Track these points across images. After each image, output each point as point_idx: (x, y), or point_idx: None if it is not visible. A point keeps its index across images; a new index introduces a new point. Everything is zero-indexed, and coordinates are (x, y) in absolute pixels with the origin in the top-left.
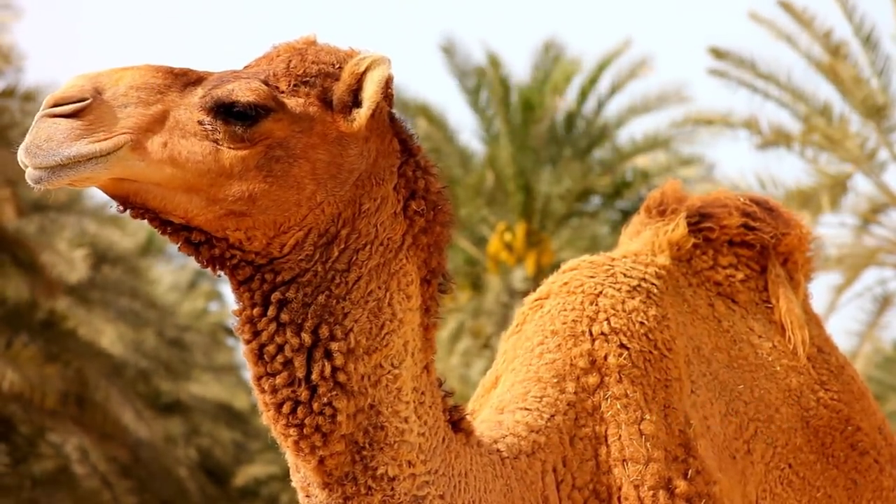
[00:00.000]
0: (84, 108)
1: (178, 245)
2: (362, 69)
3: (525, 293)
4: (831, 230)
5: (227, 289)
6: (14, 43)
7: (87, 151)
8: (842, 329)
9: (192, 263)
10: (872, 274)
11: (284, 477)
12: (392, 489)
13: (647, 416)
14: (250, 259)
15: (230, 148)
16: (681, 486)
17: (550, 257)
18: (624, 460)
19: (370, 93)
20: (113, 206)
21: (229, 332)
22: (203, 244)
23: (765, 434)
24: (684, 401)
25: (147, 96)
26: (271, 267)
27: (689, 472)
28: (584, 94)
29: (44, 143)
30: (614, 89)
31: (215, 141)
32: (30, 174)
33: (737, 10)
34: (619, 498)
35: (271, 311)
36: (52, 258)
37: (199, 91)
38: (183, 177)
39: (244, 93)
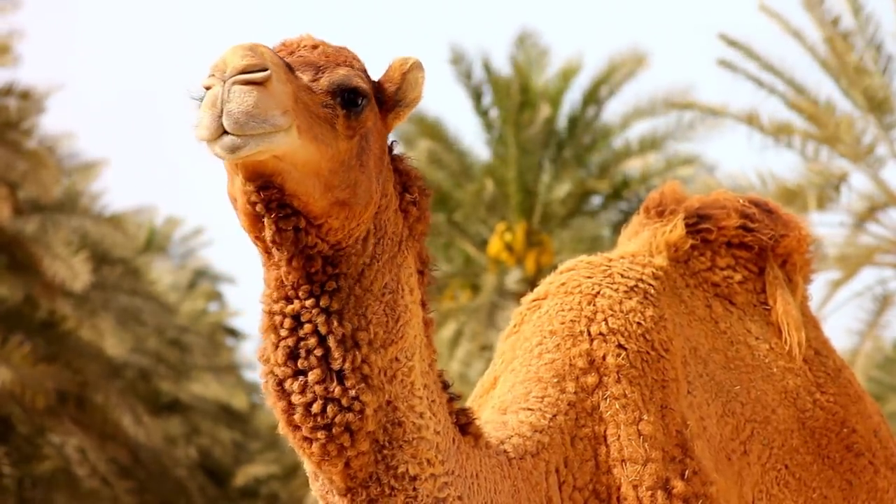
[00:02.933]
0: (269, 79)
1: (283, 230)
2: (408, 68)
3: (518, 294)
4: (831, 229)
5: (227, 289)
6: (13, 38)
7: (284, 122)
8: (842, 328)
9: (192, 263)
10: (873, 273)
11: (284, 476)
12: (414, 489)
13: (645, 417)
14: (322, 249)
15: (344, 135)
16: (678, 486)
17: (550, 258)
18: (623, 460)
19: (418, 93)
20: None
21: (229, 332)
22: (303, 231)
23: (761, 435)
24: (681, 401)
25: (283, 74)
26: (332, 259)
27: (686, 472)
28: (586, 97)
29: (252, 108)
30: (612, 91)
31: (333, 126)
32: (230, 142)
33: (741, 5)
34: (618, 498)
35: (324, 301)
36: (54, 263)
37: (303, 76)
38: (317, 160)
39: (359, 80)
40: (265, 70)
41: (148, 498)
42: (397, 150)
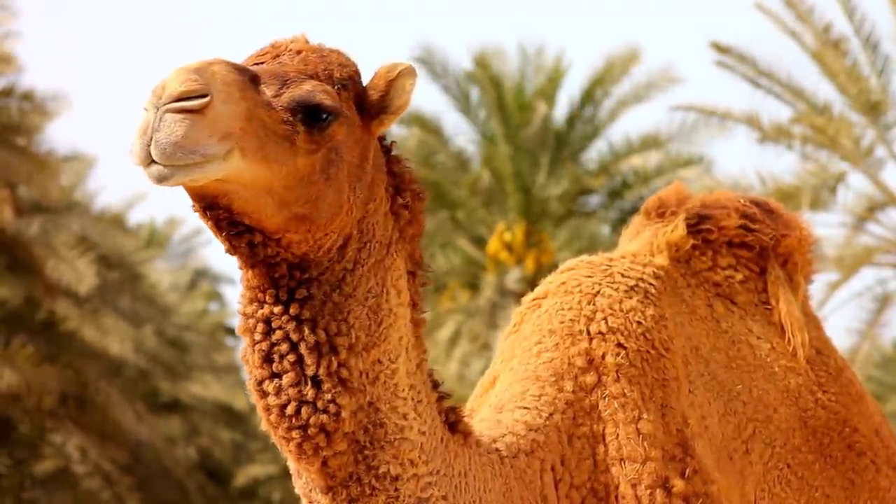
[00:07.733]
0: (208, 105)
1: (237, 247)
2: (394, 76)
3: (518, 293)
4: (831, 230)
5: (227, 289)
6: (15, 45)
7: (218, 151)
8: (841, 328)
9: (192, 264)
10: (872, 273)
11: (284, 477)
12: (396, 489)
13: (645, 416)
14: (287, 257)
15: (304, 150)
16: (678, 485)
17: (550, 257)
18: (621, 459)
19: (404, 101)
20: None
21: (229, 332)
22: (259, 245)
23: (763, 434)
24: (682, 400)
25: (235, 92)
26: (300, 265)
27: (687, 471)
28: (583, 96)
29: (181, 139)
30: (608, 92)
31: (293, 142)
32: (156, 171)
33: (737, 4)
34: (616, 497)
35: (294, 309)
36: (58, 266)
37: (267, 89)
38: (268, 178)
39: (323, 96)
40: (204, 97)
41: (148, 497)
42: (394, 151)
